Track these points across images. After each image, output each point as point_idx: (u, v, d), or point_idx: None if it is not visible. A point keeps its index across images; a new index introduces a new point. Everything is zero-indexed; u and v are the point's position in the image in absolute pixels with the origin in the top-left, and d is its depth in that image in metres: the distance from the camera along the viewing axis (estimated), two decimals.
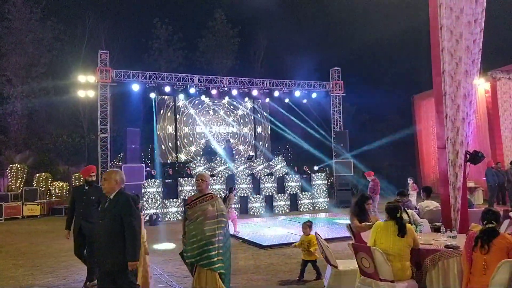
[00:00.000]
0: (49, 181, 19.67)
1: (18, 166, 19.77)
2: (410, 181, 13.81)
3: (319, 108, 18.34)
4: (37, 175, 19.58)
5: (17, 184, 19.29)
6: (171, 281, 6.29)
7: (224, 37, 26.90)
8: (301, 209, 15.65)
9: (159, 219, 13.25)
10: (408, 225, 4.58)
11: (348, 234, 6.12)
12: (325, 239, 8.65)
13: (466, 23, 6.61)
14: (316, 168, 17.39)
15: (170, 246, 9.32)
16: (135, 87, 14.87)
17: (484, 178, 13.99)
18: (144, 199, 13.43)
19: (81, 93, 20.80)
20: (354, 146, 19.92)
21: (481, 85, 16.17)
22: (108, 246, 3.96)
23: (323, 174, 16.74)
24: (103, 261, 3.98)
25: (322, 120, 18.87)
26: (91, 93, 18.64)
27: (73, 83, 21.89)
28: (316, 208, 15.89)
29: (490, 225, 3.95)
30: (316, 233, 5.50)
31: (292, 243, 6.77)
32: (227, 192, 11.64)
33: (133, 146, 13.67)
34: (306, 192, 15.95)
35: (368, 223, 5.43)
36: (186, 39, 27.10)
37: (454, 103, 6.67)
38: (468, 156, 6.81)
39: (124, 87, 15.19)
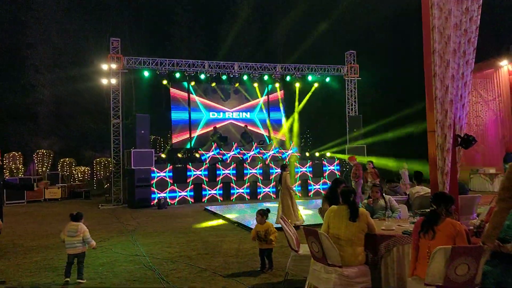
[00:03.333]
0: (73, 166, 20.54)
1: (44, 151, 20.74)
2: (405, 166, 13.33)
3: (334, 92, 17.93)
4: (61, 160, 20.48)
5: (43, 169, 20.27)
6: (149, 262, 6.42)
7: (245, 22, 26.73)
8: (311, 195, 15.57)
9: (167, 203, 13.49)
10: (361, 209, 4.44)
11: None
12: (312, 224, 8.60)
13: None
14: (328, 154, 17.11)
15: (165, 228, 9.50)
16: (146, 74, 15.10)
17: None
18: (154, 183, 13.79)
19: (104, 81, 21.46)
20: (376, 131, 19.39)
21: (505, 66, 15.26)
22: None
23: (336, 160, 16.47)
24: None
25: (338, 104, 18.45)
26: (113, 81, 19.10)
27: (98, 71, 22.52)
28: None
29: (432, 208, 3.76)
30: (282, 217, 5.40)
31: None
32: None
33: (143, 131, 13.95)
34: (317, 177, 15.79)
35: None
36: (207, 26, 27.15)
37: (443, 85, 6.34)
38: (459, 139, 6.48)
39: (137, 74, 15.47)
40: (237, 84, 16.61)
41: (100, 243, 7.94)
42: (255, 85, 17.05)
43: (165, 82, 15.76)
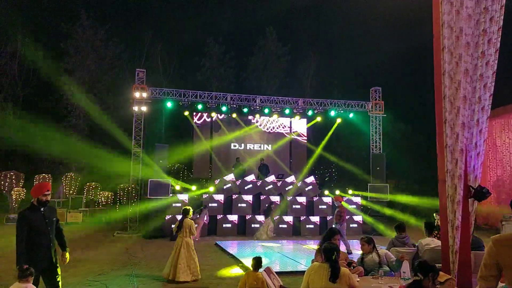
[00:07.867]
0: (98, 191, 20.98)
1: (73, 175, 21.35)
2: (437, 217, 12.13)
3: (359, 129, 17.57)
4: (87, 184, 20.98)
5: (70, 192, 20.80)
6: None
7: (273, 55, 27.04)
8: None
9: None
10: (343, 269, 4.13)
11: None
12: None
13: (465, 43, 5.95)
14: (350, 192, 16.56)
15: None
16: (169, 105, 15.42)
17: None
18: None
19: (133, 109, 22.12)
20: (404, 170, 18.69)
21: None
22: None
23: (358, 198, 15.90)
24: None
25: (363, 142, 18.04)
26: (137, 109, 19.58)
27: (125, 100, 23.26)
28: (347, 233, 15.07)
29: (416, 278, 3.43)
30: (267, 269, 5.11)
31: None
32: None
33: (161, 161, 14.07)
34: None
35: None
36: (237, 58, 27.70)
37: (453, 132, 5.99)
38: (472, 191, 6.04)
39: (160, 104, 15.83)
40: (257, 116, 16.62)
41: (99, 277, 7.89)
42: (276, 118, 16.96)
43: (186, 113, 16.05)
